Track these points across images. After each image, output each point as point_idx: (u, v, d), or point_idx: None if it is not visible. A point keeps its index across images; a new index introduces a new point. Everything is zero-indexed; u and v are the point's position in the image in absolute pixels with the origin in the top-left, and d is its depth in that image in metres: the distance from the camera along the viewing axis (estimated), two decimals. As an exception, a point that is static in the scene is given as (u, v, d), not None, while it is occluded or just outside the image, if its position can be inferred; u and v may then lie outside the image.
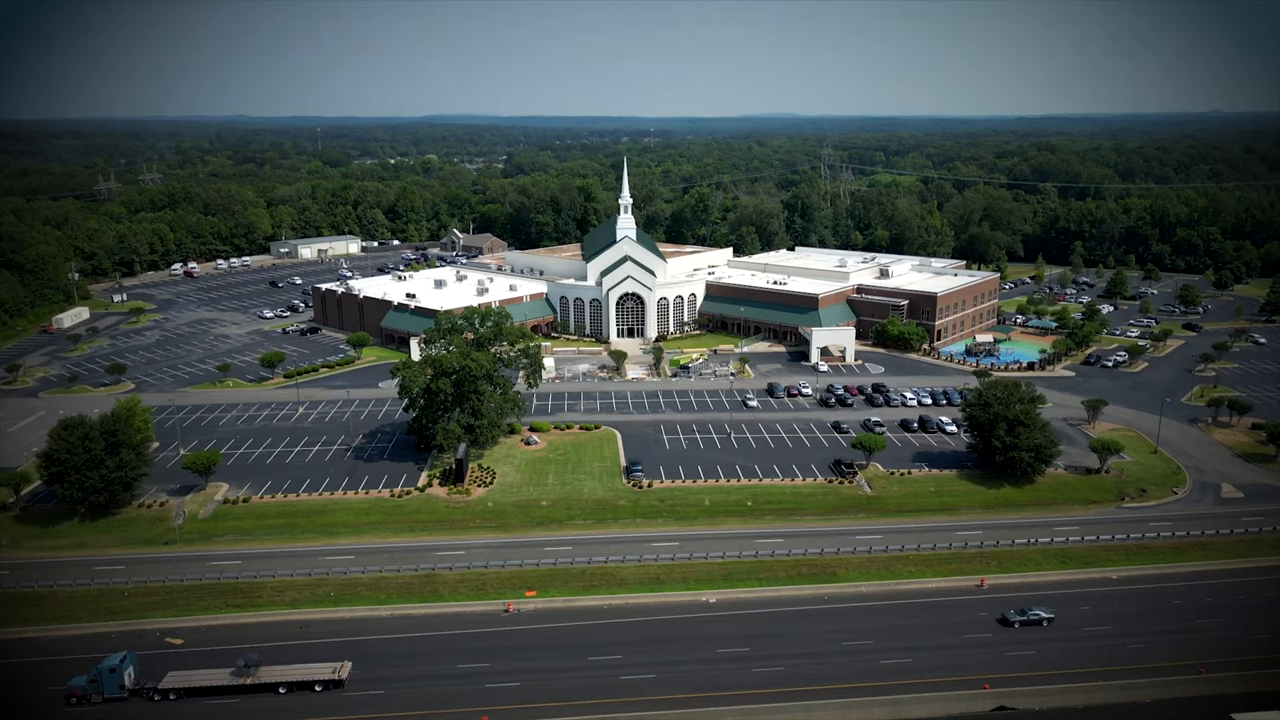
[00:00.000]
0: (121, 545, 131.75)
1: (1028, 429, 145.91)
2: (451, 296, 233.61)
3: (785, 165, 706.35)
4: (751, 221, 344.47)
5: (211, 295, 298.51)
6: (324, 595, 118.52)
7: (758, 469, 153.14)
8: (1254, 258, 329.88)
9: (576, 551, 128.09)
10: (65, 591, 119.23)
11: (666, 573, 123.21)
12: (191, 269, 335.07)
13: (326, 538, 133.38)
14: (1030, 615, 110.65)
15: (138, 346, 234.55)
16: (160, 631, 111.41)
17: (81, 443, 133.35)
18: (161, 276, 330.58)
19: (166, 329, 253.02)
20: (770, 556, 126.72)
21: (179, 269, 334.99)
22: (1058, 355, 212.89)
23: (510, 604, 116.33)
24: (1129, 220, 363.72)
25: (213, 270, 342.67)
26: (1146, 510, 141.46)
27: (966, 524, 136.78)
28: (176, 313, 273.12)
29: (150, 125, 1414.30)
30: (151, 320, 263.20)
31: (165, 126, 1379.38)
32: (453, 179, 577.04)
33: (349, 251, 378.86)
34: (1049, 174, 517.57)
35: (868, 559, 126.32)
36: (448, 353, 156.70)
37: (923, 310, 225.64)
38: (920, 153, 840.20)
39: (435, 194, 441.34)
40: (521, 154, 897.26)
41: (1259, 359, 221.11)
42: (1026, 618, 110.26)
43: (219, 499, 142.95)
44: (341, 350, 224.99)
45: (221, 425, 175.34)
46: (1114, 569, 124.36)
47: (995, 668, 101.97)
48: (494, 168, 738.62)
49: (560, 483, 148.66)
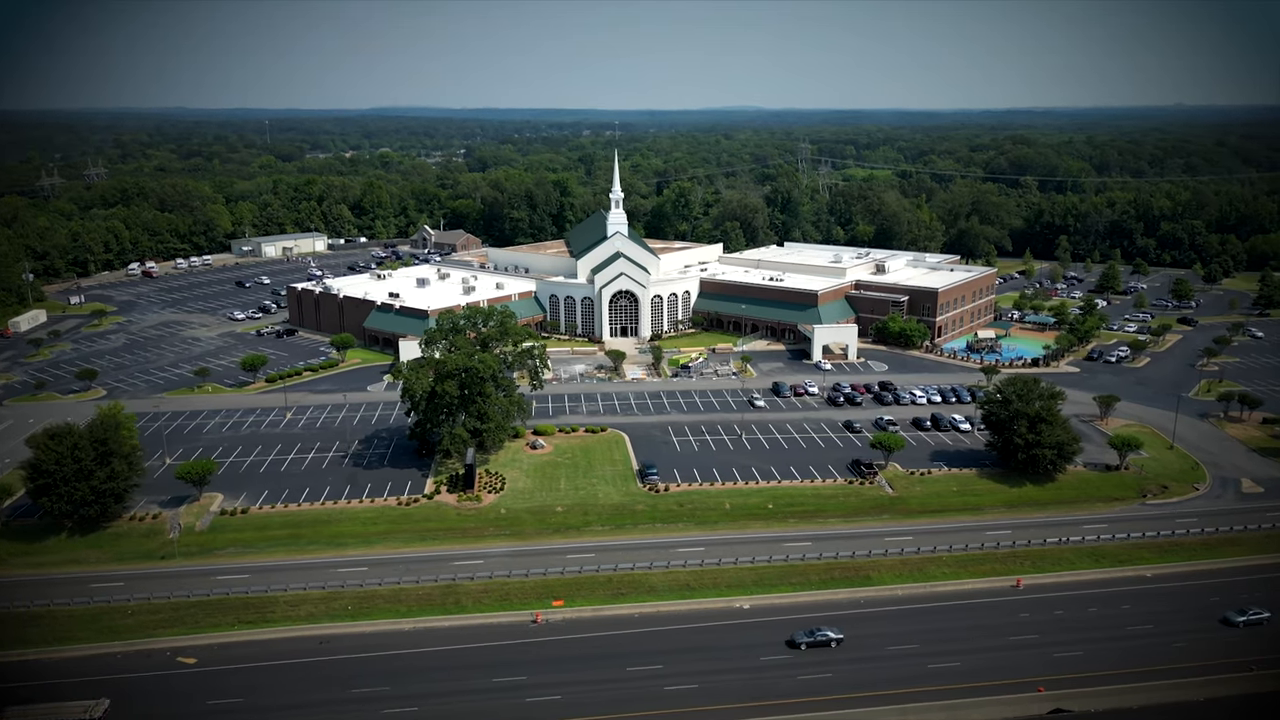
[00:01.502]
0: (115, 561, 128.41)
1: (1049, 426, 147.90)
2: (437, 296, 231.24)
3: (756, 159, 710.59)
4: (735, 216, 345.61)
5: (175, 296, 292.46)
6: (341, 609, 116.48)
7: (774, 470, 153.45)
8: (1239, 251, 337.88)
9: (600, 558, 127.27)
10: (63, 611, 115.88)
11: (696, 579, 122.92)
12: (150, 268, 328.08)
13: (334, 549, 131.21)
14: (819, 636, 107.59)
15: (103, 351, 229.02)
16: (170, 651, 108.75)
17: (70, 452, 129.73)
18: (118, 277, 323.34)
19: (132, 332, 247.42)
20: (801, 560, 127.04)
21: (136, 268, 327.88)
22: (1061, 351, 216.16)
23: (538, 614, 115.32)
24: (1113, 214, 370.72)
25: (173, 270, 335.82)
26: (1171, 507, 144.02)
27: (994, 524, 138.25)
28: (140, 315, 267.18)
29: (86, 118, 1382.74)
30: (114, 323, 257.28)
31: (102, 119, 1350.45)
32: (415, 173, 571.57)
33: (315, 249, 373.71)
34: (1026, 167, 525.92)
35: (900, 561, 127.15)
36: (451, 353, 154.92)
37: (923, 306, 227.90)
38: (891, 146, 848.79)
39: (402, 189, 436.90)
40: (482, 147, 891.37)
41: (1258, 353, 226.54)
42: (814, 639, 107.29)
43: (215, 510, 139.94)
44: (323, 352, 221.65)
45: (206, 433, 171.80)
46: (1148, 567, 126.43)
47: (1046, 669, 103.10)
48: (455, 161, 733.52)
49: (573, 488, 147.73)
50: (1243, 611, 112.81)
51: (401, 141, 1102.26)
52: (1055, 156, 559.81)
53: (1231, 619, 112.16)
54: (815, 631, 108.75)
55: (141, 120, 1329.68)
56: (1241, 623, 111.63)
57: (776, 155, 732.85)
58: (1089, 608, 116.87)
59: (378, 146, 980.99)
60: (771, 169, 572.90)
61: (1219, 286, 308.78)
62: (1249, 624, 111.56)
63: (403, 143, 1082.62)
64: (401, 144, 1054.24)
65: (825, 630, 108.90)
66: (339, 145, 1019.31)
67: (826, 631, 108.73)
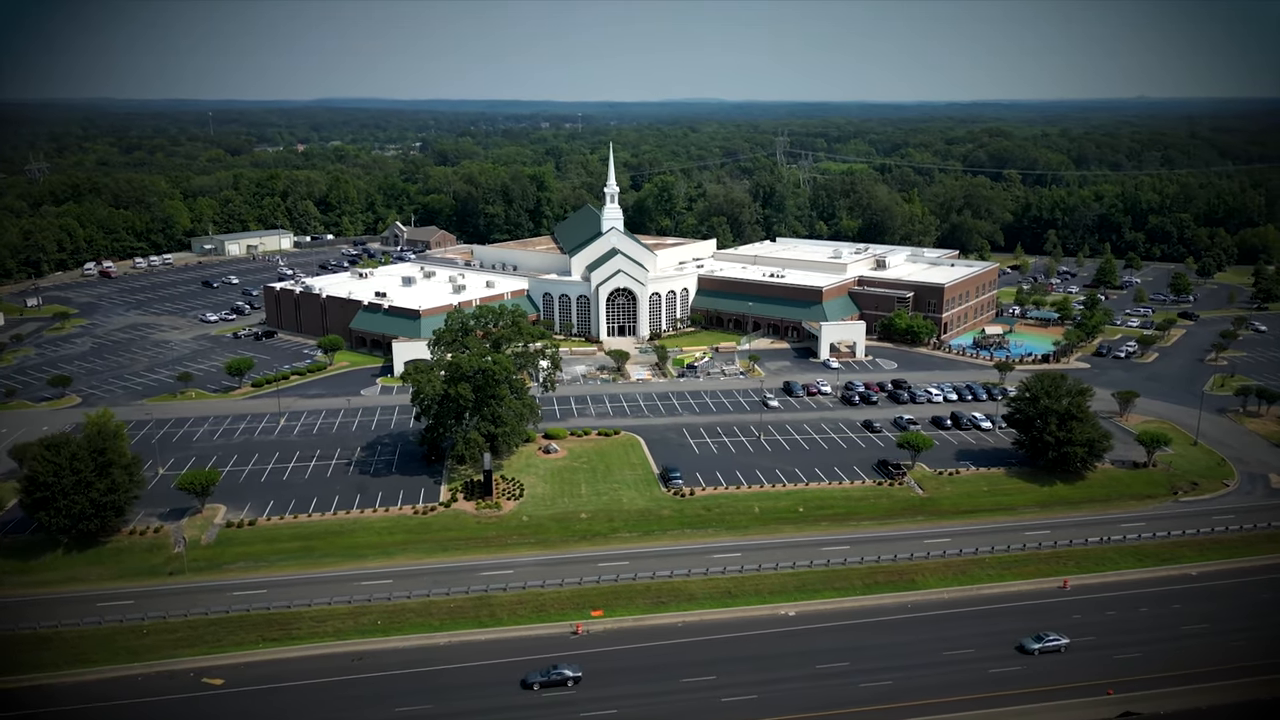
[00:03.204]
0: (119, 577, 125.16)
1: (1080, 423, 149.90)
2: (426, 295, 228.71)
3: (727, 153, 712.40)
4: (722, 211, 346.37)
5: (138, 298, 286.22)
6: (370, 624, 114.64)
7: (799, 472, 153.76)
8: (1230, 244, 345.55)
9: (635, 566, 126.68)
10: (72, 632, 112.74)
11: (737, 586, 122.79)
12: (108, 268, 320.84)
13: (353, 561, 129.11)
14: None
15: (71, 355, 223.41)
16: (194, 672, 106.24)
17: (69, 463, 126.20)
18: (74, 277, 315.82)
19: (98, 336, 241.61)
20: (842, 565, 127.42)
21: (93, 268, 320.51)
22: (1070, 347, 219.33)
23: (578, 625, 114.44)
24: (1101, 208, 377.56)
25: (131, 270, 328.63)
26: (1204, 504, 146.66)
27: (1031, 523, 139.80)
28: (104, 317, 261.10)
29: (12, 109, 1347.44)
30: (77, 326, 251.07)
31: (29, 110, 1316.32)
32: (376, 167, 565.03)
33: (282, 247, 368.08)
34: (1007, 160, 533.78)
35: (943, 563, 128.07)
36: (463, 354, 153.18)
37: (928, 302, 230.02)
38: (862, 139, 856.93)
39: (368, 184, 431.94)
40: (439, 140, 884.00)
41: (1264, 347, 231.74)
42: None
43: (219, 522, 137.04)
44: (307, 355, 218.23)
45: (196, 441, 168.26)
46: (1191, 565, 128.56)
47: (1109, 672, 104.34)
48: (414, 155, 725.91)
49: (595, 493, 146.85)
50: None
51: (353, 134, 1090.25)
52: (1035, 149, 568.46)
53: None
54: None
55: (69, 111, 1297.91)
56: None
57: (748, 149, 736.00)
58: (1139, 608, 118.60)
59: (327, 140, 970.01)
60: (747, 162, 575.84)
61: (1212, 280, 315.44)
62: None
63: (354, 135, 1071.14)
64: (353, 137, 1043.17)
65: None
66: (287, 138, 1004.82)
67: None
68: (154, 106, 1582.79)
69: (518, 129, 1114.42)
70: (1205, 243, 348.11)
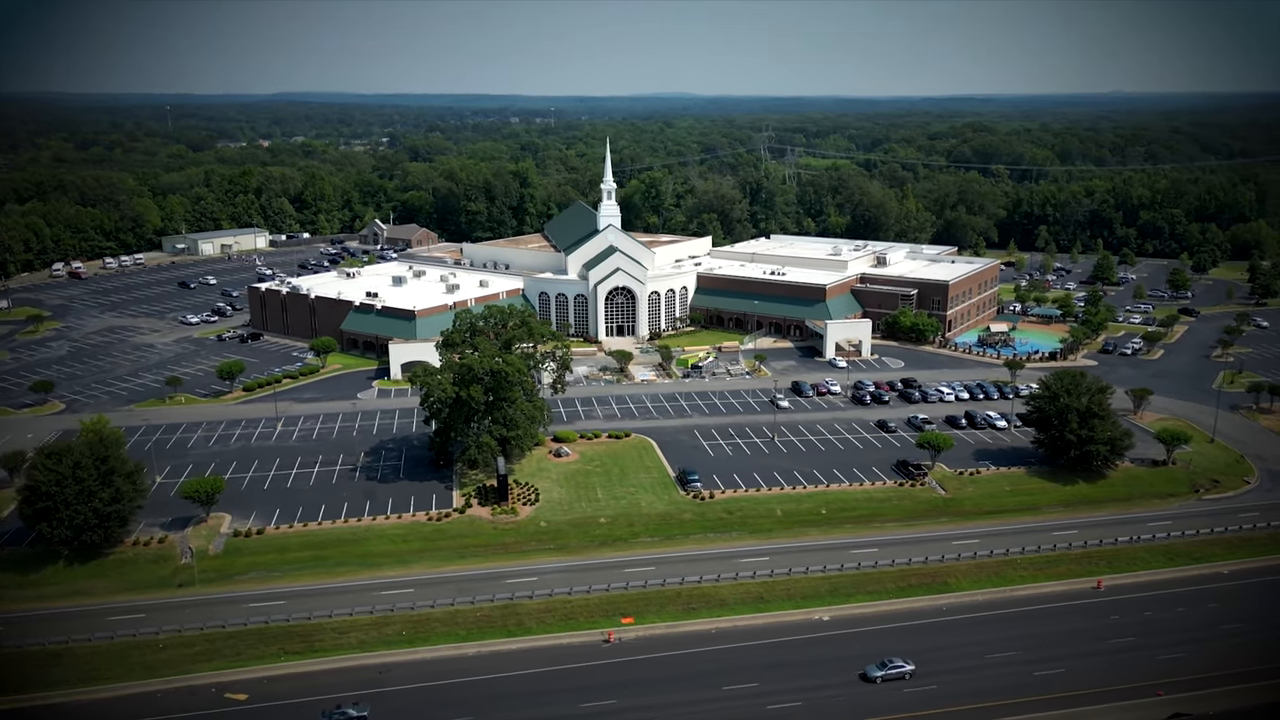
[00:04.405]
0: (127, 590, 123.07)
1: (1101, 421, 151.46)
2: (419, 295, 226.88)
3: (705, 149, 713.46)
4: (712, 208, 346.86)
5: (112, 299, 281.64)
6: (395, 635, 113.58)
7: (818, 474, 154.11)
8: (1222, 240, 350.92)
9: (661, 571, 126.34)
10: (84, 648, 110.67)
11: (768, 590, 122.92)
12: (77, 269, 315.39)
13: (368, 570, 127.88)
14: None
15: (48, 360, 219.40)
16: (216, 687, 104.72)
17: (72, 472, 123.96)
18: (41, 278, 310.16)
19: (75, 339, 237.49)
20: (873, 568, 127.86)
21: (61, 269, 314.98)
22: (1076, 344, 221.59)
23: (609, 633, 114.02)
24: (1092, 203, 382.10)
25: (102, 270, 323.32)
26: (1228, 501, 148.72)
27: (1058, 524, 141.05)
28: (78, 320, 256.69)
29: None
30: (52, 329, 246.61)
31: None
32: (348, 163, 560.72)
33: (257, 246, 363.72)
34: (992, 156, 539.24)
35: (974, 565, 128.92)
36: (473, 354, 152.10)
37: (932, 300, 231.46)
38: (841, 135, 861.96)
39: (345, 180, 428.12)
40: (409, 136, 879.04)
41: (1269, 343, 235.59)
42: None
43: (226, 531, 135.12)
44: (297, 358, 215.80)
45: (191, 447, 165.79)
46: (1223, 564, 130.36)
47: (1154, 673, 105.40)
48: (384, 150, 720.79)
49: (612, 497, 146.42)
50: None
51: (316, 129, 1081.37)
52: (1020, 145, 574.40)
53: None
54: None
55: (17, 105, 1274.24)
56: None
57: (726, 144, 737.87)
58: (1176, 608, 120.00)
59: (290, 135, 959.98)
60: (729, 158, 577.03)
61: (1207, 276, 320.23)
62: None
63: (317, 130, 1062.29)
64: (317, 132, 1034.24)
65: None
66: (248, 133, 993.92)
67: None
68: (103, 100, 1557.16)
69: (487, 124, 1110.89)
70: (1197, 239, 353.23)
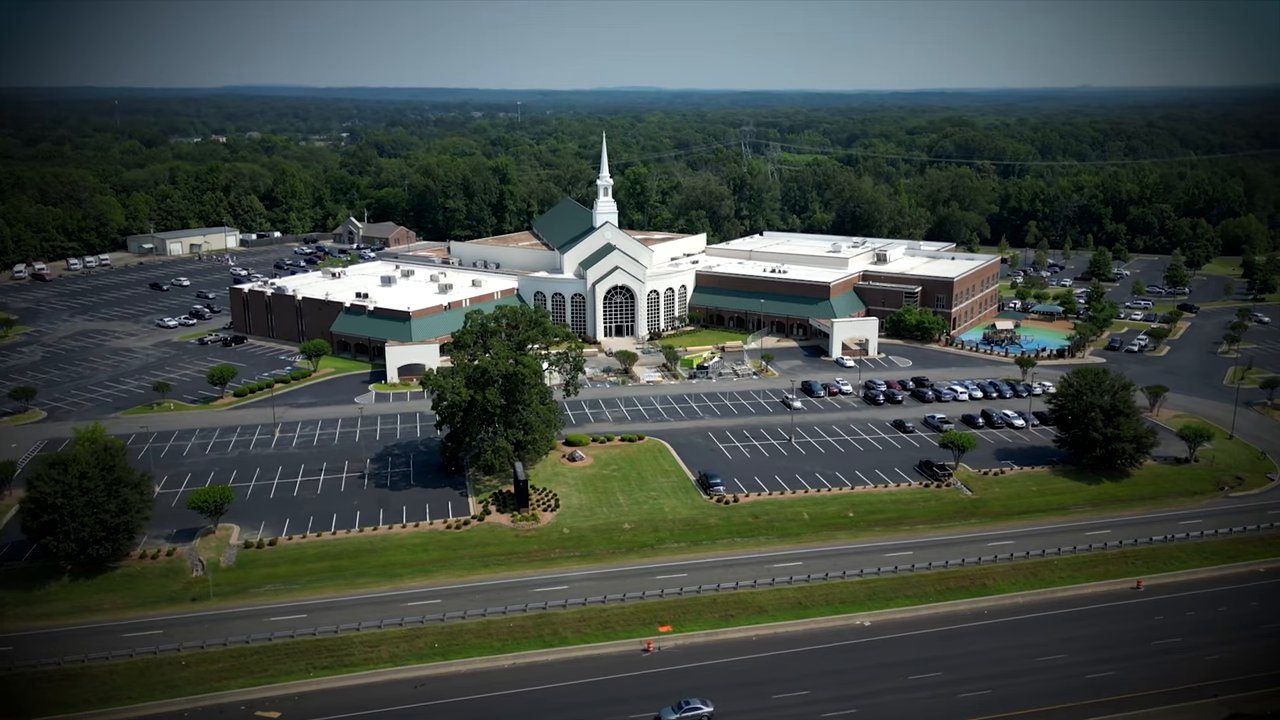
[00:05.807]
0: (139, 606, 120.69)
1: (1126, 419, 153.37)
2: (412, 296, 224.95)
3: (678, 144, 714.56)
4: (700, 204, 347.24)
5: (82, 302, 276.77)
6: (427, 647, 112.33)
7: (841, 476, 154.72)
8: (1213, 235, 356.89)
9: (694, 578, 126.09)
10: (101, 666, 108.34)
11: (806, 596, 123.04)
12: (41, 270, 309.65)
13: (389, 581, 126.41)
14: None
15: (22, 365, 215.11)
16: (245, 704, 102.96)
17: (78, 483, 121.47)
18: (3, 280, 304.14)
19: (47, 344, 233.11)
20: (910, 571, 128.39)
21: (24, 270, 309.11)
22: (1082, 341, 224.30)
23: (649, 642, 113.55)
24: (1082, 199, 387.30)
25: (66, 271, 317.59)
26: (1254, 499, 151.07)
27: (1089, 523, 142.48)
28: (49, 324, 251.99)
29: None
30: (22, 333, 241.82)
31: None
32: (313, 159, 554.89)
33: (228, 246, 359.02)
34: (974, 151, 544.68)
35: (1011, 567, 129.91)
36: (486, 356, 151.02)
37: (936, 297, 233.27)
38: (816, 130, 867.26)
39: (316, 178, 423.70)
40: (371, 131, 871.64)
41: (1272, 338, 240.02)
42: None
43: (236, 543, 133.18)
44: (285, 361, 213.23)
45: (186, 456, 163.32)
46: (1258, 561, 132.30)
47: (1204, 673, 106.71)
48: (348, 146, 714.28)
49: (634, 502, 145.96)
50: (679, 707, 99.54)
51: (271, 124, 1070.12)
52: (1000, 140, 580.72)
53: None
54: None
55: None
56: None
57: (700, 139, 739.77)
58: (1218, 607, 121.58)
59: (244, 130, 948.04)
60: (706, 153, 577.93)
61: (1201, 272, 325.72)
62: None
63: (273, 125, 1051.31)
64: (272, 126, 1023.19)
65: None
66: (200, 128, 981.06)
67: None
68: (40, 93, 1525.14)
69: (449, 118, 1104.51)
70: (1188, 234, 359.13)
